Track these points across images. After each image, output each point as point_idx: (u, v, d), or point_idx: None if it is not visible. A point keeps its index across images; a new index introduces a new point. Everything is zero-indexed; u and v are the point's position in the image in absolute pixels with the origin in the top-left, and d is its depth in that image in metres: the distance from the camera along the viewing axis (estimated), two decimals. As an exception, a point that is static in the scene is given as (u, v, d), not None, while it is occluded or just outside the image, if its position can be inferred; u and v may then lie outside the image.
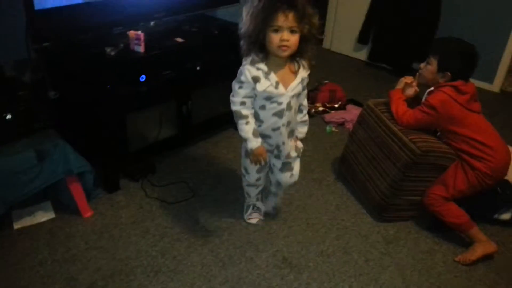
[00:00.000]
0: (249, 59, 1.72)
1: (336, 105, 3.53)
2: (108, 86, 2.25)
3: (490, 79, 4.15)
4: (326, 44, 4.91)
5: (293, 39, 1.63)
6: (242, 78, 1.74)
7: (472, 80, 2.25)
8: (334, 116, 3.40)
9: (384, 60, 4.44)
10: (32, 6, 1.91)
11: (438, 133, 2.30)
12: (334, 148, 3.08)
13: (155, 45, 2.40)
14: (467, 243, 2.25)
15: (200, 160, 2.83)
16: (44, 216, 2.26)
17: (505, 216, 2.38)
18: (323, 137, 3.22)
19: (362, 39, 4.48)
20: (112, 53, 2.25)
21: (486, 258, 2.18)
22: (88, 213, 2.30)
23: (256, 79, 1.72)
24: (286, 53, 1.66)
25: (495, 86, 4.16)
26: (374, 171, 2.42)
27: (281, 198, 2.38)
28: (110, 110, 2.29)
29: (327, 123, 3.36)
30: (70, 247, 2.11)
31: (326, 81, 3.69)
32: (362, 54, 4.64)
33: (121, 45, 2.32)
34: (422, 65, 2.31)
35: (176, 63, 2.50)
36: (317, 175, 2.79)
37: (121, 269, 2.00)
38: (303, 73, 1.79)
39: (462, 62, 2.19)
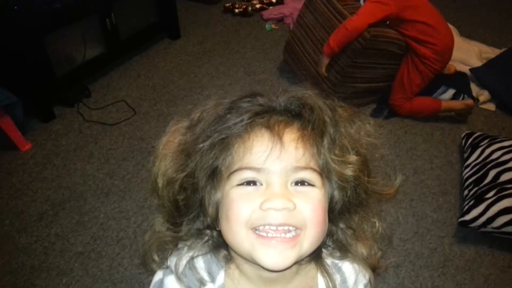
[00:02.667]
0: (175, 259, 0.64)
1: (274, 0, 3.37)
2: (15, 8, 2.03)
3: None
4: None
5: (305, 204, 0.56)
6: None
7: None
8: (272, 12, 3.26)
9: None
10: None
11: (387, 22, 2.26)
12: (276, 46, 2.99)
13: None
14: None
15: (137, 76, 2.70)
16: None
17: (445, 96, 2.46)
18: (263, 36, 3.11)
19: None
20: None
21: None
22: (26, 146, 2.21)
23: None
24: (283, 260, 0.55)
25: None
26: (319, 54, 2.35)
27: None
28: (25, 34, 2.08)
29: (266, 20, 3.23)
30: (13, 182, 2.05)
31: (261, -25, 3.48)
32: None
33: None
34: None
35: (88, -29, 2.26)
36: (260, 76, 2.74)
37: (70, 196, 1.98)
38: None
39: None
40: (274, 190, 0.53)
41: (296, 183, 0.55)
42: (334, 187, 0.58)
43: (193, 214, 0.60)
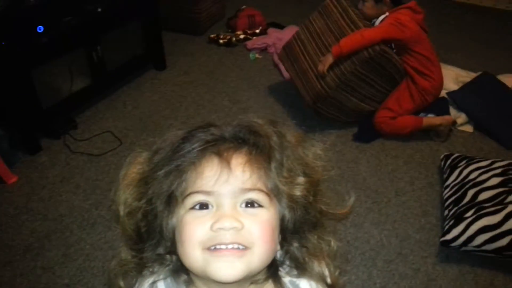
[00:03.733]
0: (138, 285, 0.68)
1: (257, 31, 3.48)
2: (3, 43, 2.08)
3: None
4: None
5: (254, 224, 0.59)
6: None
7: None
8: (256, 42, 3.36)
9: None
10: None
11: (394, 50, 2.38)
12: (260, 75, 3.07)
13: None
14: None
15: (123, 106, 2.74)
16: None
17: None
18: (247, 65, 3.19)
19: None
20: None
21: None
22: (12, 179, 2.21)
23: None
24: (233, 271, 0.57)
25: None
26: None
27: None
28: (11, 68, 2.13)
29: (250, 50, 3.32)
30: (-2, 216, 2.05)
31: (244, 6, 3.60)
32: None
33: (6, -6, 2.11)
34: (360, 5, 2.41)
35: (74, 7, 2.32)
36: (245, 104, 2.80)
37: (56, 228, 1.98)
38: None
39: None
40: (224, 212, 0.57)
41: (246, 204, 0.59)
42: (284, 207, 0.61)
43: (154, 240, 0.63)
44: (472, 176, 1.98)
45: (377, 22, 2.42)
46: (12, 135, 2.25)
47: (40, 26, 2.20)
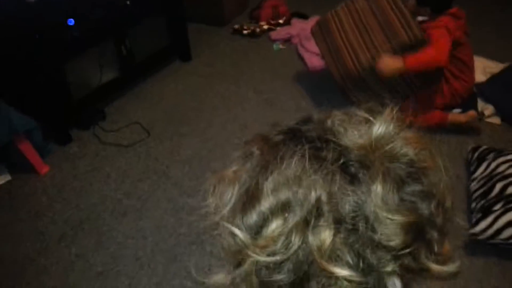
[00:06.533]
0: None
1: (281, 21, 3.47)
2: (36, 36, 2.14)
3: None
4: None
5: None
6: None
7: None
8: (280, 32, 3.35)
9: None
10: None
11: None
12: (284, 65, 3.07)
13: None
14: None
15: (150, 98, 2.79)
16: (0, 179, 2.24)
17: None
18: (271, 56, 3.20)
19: None
20: (31, 0, 2.10)
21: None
22: (45, 169, 2.29)
23: None
24: None
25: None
26: (360, 41, 2.38)
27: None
28: (44, 61, 2.19)
29: (274, 41, 3.32)
30: (33, 205, 2.12)
31: (266, -3, 3.59)
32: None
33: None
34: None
35: (103, 0, 2.36)
36: (269, 95, 2.81)
37: (89, 216, 2.05)
38: None
39: None
40: None
41: None
42: None
43: None
44: (500, 169, 1.96)
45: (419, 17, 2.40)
46: (44, 126, 2.32)
47: (71, 19, 2.25)
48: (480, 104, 2.56)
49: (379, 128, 0.46)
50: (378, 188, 0.43)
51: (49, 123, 2.38)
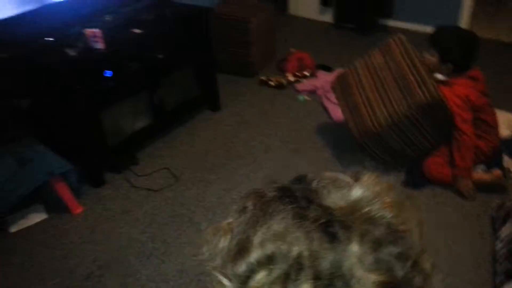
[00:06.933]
0: None
1: (307, 73, 3.60)
2: (77, 86, 2.32)
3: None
4: (291, 10, 4.92)
5: None
6: None
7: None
8: (305, 84, 3.48)
9: (350, 19, 4.48)
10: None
11: None
12: (309, 116, 3.17)
13: (114, 39, 2.45)
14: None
15: (179, 145, 2.92)
16: (37, 217, 2.37)
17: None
18: (297, 107, 3.31)
19: (325, 0, 4.52)
20: (73, 54, 2.30)
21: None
22: (78, 210, 2.41)
23: None
24: None
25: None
26: (377, 97, 2.46)
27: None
28: (83, 109, 2.37)
29: (299, 92, 3.44)
30: (65, 243, 2.23)
31: (293, 50, 3.76)
32: (328, 16, 4.67)
33: (80, 44, 2.36)
34: (426, 55, 2.44)
35: (138, 54, 2.57)
36: (295, 144, 2.90)
37: (116, 258, 2.13)
38: None
39: (461, 52, 2.34)
40: None
41: None
42: None
43: None
44: (525, 229, 1.94)
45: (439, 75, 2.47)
46: (80, 169, 2.47)
47: (108, 71, 2.44)
48: (506, 159, 2.55)
49: (358, 191, 0.51)
50: (355, 247, 0.46)
51: (85, 166, 2.52)
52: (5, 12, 2.17)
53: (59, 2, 2.43)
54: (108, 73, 2.46)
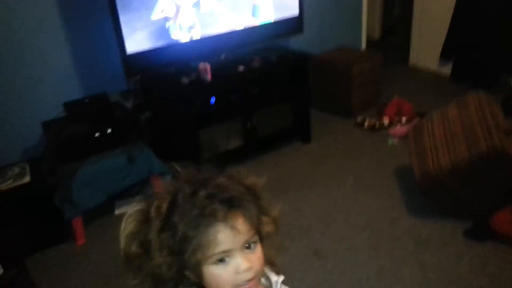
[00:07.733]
0: None
1: (404, 118, 3.66)
2: (184, 107, 2.90)
3: None
4: (412, 60, 4.98)
5: (256, 259, 0.85)
6: None
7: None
8: (399, 129, 3.55)
9: (469, 74, 4.34)
10: (124, 52, 2.66)
11: None
12: (392, 159, 3.24)
13: (220, 74, 2.99)
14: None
15: (264, 169, 3.28)
16: (137, 206, 2.96)
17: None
18: (384, 149, 3.41)
19: (445, 53, 4.48)
20: (186, 82, 2.90)
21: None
22: (170, 207, 2.93)
23: None
24: None
25: None
26: (444, 144, 2.51)
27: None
28: (186, 125, 2.94)
29: (391, 136, 3.53)
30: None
31: (396, 96, 3.86)
32: (448, 69, 4.61)
33: (194, 75, 2.95)
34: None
35: (238, 87, 3.06)
36: (367, 182, 3.02)
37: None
38: None
39: None
40: (238, 257, 0.81)
41: (247, 246, 0.83)
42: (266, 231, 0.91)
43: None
44: None
45: None
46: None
47: (213, 98, 2.98)
48: None
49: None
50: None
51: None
52: (143, 45, 2.85)
53: (186, 42, 3.08)
54: (212, 100, 3.01)
